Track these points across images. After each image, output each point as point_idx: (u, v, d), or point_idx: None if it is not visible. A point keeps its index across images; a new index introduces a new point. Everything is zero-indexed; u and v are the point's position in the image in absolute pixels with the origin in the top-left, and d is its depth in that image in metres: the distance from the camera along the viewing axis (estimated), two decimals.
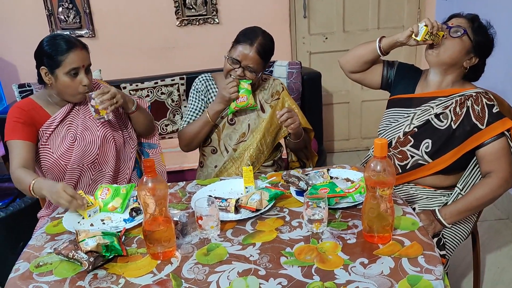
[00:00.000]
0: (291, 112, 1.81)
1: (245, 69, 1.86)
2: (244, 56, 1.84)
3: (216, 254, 1.29)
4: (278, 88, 2.04)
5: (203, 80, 2.04)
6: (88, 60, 1.77)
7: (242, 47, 1.84)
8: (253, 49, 1.83)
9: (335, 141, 4.05)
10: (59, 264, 1.29)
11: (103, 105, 1.72)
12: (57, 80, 1.72)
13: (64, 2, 3.37)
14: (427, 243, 1.27)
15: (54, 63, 1.70)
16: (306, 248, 1.29)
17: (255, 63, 1.85)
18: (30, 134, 1.75)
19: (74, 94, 1.76)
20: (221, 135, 2.00)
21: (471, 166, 1.76)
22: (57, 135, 1.81)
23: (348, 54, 1.95)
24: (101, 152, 1.85)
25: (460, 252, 2.41)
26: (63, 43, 1.70)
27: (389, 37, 1.82)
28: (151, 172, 1.23)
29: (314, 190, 1.49)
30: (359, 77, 1.97)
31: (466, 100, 1.71)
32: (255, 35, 1.86)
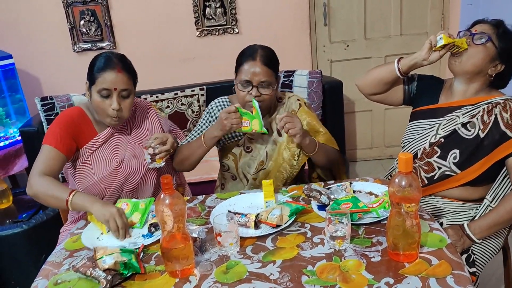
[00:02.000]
0: (291, 117, 1.70)
1: (259, 87, 1.74)
2: (253, 74, 1.73)
3: (235, 272, 1.26)
4: (294, 107, 1.91)
5: (219, 105, 1.92)
6: (124, 84, 1.67)
7: (247, 65, 1.74)
8: (258, 62, 1.73)
9: (358, 150, 3.98)
10: (77, 282, 1.28)
11: (161, 155, 1.71)
12: (92, 97, 1.69)
13: (85, 15, 3.41)
14: (456, 262, 1.21)
15: (91, 79, 1.67)
16: (329, 266, 1.25)
17: (266, 75, 1.74)
18: (69, 147, 1.67)
19: (103, 116, 1.70)
20: (239, 163, 1.92)
21: (501, 177, 1.68)
22: (101, 156, 1.75)
23: (366, 77, 1.88)
24: (142, 181, 1.82)
25: (490, 267, 2.31)
26: (104, 60, 1.65)
27: (408, 58, 1.74)
28: (169, 189, 1.21)
29: (337, 205, 1.45)
30: (380, 98, 1.91)
31: (494, 108, 1.64)
32: (253, 50, 1.77)
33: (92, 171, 1.74)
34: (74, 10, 3.40)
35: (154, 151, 1.71)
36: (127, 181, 1.78)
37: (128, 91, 1.69)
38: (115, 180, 1.76)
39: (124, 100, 1.69)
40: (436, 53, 1.66)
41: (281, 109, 1.90)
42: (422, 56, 1.68)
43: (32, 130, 2.82)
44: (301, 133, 1.70)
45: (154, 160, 1.72)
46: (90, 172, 1.74)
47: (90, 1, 3.38)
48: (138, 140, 1.82)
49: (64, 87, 3.30)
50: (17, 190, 2.76)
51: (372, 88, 1.87)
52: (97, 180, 1.73)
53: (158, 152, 1.70)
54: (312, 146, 1.78)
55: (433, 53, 1.67)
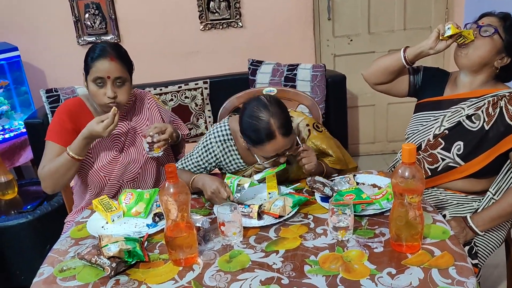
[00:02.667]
0: (308, 150, 1.62)
1: (284, 154, 1.61)
2: (276, 149, 1.56)
3: (238, 261, 1.27)
4: (304, 135, 1.76)
5: (221, 141, 1.75)
6: (118, 72, 1.67)
7: (269, 146, 1.55)
8: (278, 138, 1.54)
9: (360, 144, 3.98)
10: (82, 269, 1.29)
11: (159, 144, 1.72)
12: (88, 87, 1.71)
13: (90, 8, 3.41)
14: (459, 253, 1.22)
15: (86, 69, 1.69)
16: (331, 256, 1.26)
17: (289, 144, 1.58)
18: (70, 140, 1.69)
19: (100, 105, 1.72)
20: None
21: (505, 169, 1.69)
22: (101, 145, 1.77)
23: (372, 67, 1.88)
24: (142, 171, 1.84)
25: (492, 259, 2.31)
26: (96, 50, 1.67)
27: (414, 47, 1.74)
28: (173, 177, 1.22)
29: (340, 197, 1.46)
30: (385, 88, 1.90)
31: (499, 100, 1.64)
32: (267, 125, 1.53)
33: (92, 160, 1.76)
34: (79, 4, 3.40)
35: (152, 140, 1.72)
36: (127, 170, 1.80)
37: (122, 79, 1.69)
38: (115, 168, 1.78)
39: (120, 88, 1.70)
40: (442, 42, 1.66)
41: None
42: (429, 44, 1.68)
43: (37, 122, 2.84)
44: (316, 167, 1.64)
45: (152, 149, 1.74)
46: (90, 161, 1.76)
47: None
48: (138, 129, 1.84)
49: (68, 80, 3.30)
50: (23, 181, 2.78)
51: (378, 78, 1.87)
52: (97, 168, 1.76)
53: (156, 141, 1.71)
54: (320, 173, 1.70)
55: (440, 43, 1.67)
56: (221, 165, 1.81)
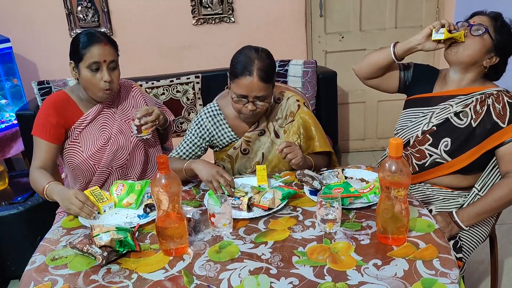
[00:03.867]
0: (291, 146, 1.66)
1: (255, 101, 1.69)
2: (249, 89, 1.65)
3: (228, 252, 1.29)
4: (293, 108, 1.86)
5: (211, 116, 1.85)
6: (111, 56, 1.72)
7: (243, 80, 1.64)
8: (255, 78, 1.63)
9: (351, 141, 4.02)
10: (74, 258, 1.31)
11: (147, 126, 1.75)
12: (80, 75, 1.73)
13: (83, 1, 3.40)
14: (443, 246, 1.25)
15: (78, 57, 1.71)
16: (319, 248, 1.28)
17: (263, 90, 1.66)
18: (58, 136, 1.76)
19: (95, 91, 1.74)
20: (235, 165, 1.91)
21: (490, 166, 1.73)
22: (88, 134, 1.81)
23: (363, 61, 1.92)
24: (130, 157, 1.87)
25: (477, 255, 2.37)
26: (87, 37, 1.70)
27: (404, 42, 1.77)
28: (164, 168, 1.24)
29: (328, 190, 1.49)
30: (375, 83, 1.94)
31: (487, 98, 1.68)
32: (250, 61, 1.64)
33: (81, 149, 1.80)
34: None
35: (140, 122, 1.75)
36: (115, 157, 1.83)
37: (115, 62, 1.75)
38: (103, 156, 1.81)
39: (113, 72, 1.75)
40: (433, 43, 1.69)
41: (279, 111, 1.86)
42: (418, 40, 1.72)
43: (29, 114, 2.83)
44: (303, 161, 1.68)
45: (140, 131, 1.77)
46: (79, 150, 1.80)
47: None
48: (124, 117, 1.88)
49: (60, 72, 3.29)
50: (13, 173, 2.77)
51: (368, 72, 1.90)
52: (86, 157, 1.79)
53: (144, 122, 1.75)
54: (309, 168, 1.74)
55: (429, 41, 1.70)
56: (213, 140, 1.88)
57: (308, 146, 1.87)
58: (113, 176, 1.85)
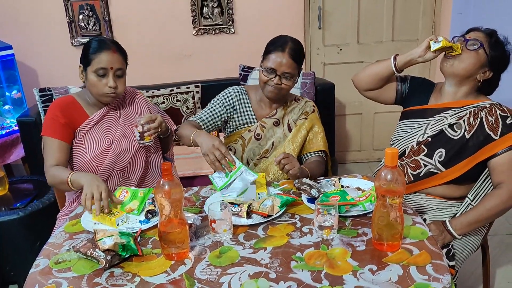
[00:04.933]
0: (288, 157, 1.73)
1: (282, 76, 1.86)
2: (279, 64, 1.84)
3: (228, 257, 1.33)
4: (308, 110, 2.05)
5: (237, 93, 2.04)
6: (119, 64, 1.79)
7: (275, 55, 1.85)
8: (286, 55, 1.84)
9: (347, 152, 4.07)
10: (77, 261, 1.34)
11: (150, 132, 1.79)
12: (87, 78, 1.80)
13: (84, 9, 3.45)
14: (436, 253, 1.29)
15: (87, 61, 1.78)
16: (316, 253, 1.32)
17: (291, 67, 1.86)
18: (67, 135, 1.81)
19: (99, 94, 1.81)
20: (246, 148, 2.02)
21: (483, 177, 1.77)
22: (93, 136, 1.86)
23: (362, 73, 1.97)
24: (132, 161, 1.91)
25: (469, 266, 2.41)
26: (98, 43, 1.78)
27: (404, 54, 1.84)
28: (168, 175, 1.28)
29: (326, 198, 1.53)
30: (374, 94, 1.99)
31: (480, 111, 1.73)
32: (285, 41, 1.88)
33: (85, 150, 1.85)
34: (74, 5, 3.44)
35: (143, 129, 1.80)
36: (118, 160, 1.88)
37: (122, 70, 1.82)
38: (106, 158, 1.86)
39: (119, 79, 1.82)
40: (431, 53, 1.76)
41: (296, 108, 2.04)
42: (418, 52, 1.78)
43: (30, 120, 2.86)
44: (300, 171, 1.74)
45: (143, 138, 1.82)
46: (83, 152, 1.85)
47: None
48: (128, 122, 1.94)
49: (61, 80, 3.34)
50: (13, 178, 2.79)
51: (368, 84, 1.96)
52: (89, 158, 1.84)
53: (146, 129, 1.80)
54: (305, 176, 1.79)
55: (428, 52, 1.76)
56: (234, 114, 2.03)
57: (311, 145, 2.04)
58: (113, 178, 1.89)
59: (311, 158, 2.02)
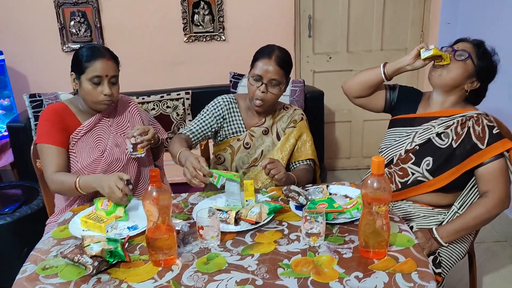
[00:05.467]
0: (274, 162, 1.74)
1: (268, 84, 1.87)
2: (265, 70, 1.86)
3: (215, 263, 1.33)
4: (297, 118, 2.06)
5: (227, 102, 2.04)
6: (113, 71, 1.81)
7: (261, 62, 1.87)
8: (272, 61, 1.86)
9: (337, 159, 4.10)
10: (65, 267, 1.33)
11: (142, 144, 1.80)
12: (81, 87, 1.79)
13: (76, 16, 3.46)
14: (422, 260, 1.31)
15: (80, 69, 1.77)
16: (303, 260, 1.33)
17: (277, 74, 1.87)
18: (64, 140, 1.80)
19: (95, 102, 1.81)
20: (235, 157, 2.03)
21: (469, 186, 1.80)
22: (85, 144, 1.85)
23: (352, 80, 1.99)
24: (124, 170, 1.91)
25: (456, 274, 2.43)
26: (91, 51, 1.78)
27: (394, 62, 1.86)
28: (156, 181, 1.28)
29: (313, 205, 1.54)
30: (363, 102, 2.02)
31: (467, 121, 1.76)
32: (271, 49, 1.90)
33: (76, 159, 1.84)
34: (65, 11, 3.45)
35: (136, 141, 1.80)
36: (109, 168, 1.87)
37: (116, 77, 1.84)
38: (98, 167, 1.85)
39: (113, 86, 1.83)
40: (420, 61, 1.79)
41: (285, 116, 2.05)
42: (407, 60, 1.81)
43: (19, 126, 2.86)
44: (285, 177, 1.76)
45: (136, 149, 1.82)
46: (74, 160, 1.84)
47: (81, 3, 3.43)
48: (120, 130, 1.93)
49: (51, 86, 3.33)
50: (1, 184, 2.78)
51: (357, 91, 1.98)
52: (81, 167, 1.83)
53: (139, 141, 1.80)
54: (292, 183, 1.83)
55: (418, 61, 1.79)
56: (224, 124, 2.04)
57: (300, 154, 2.04)
58: None
59: (299, 166, 2.03)
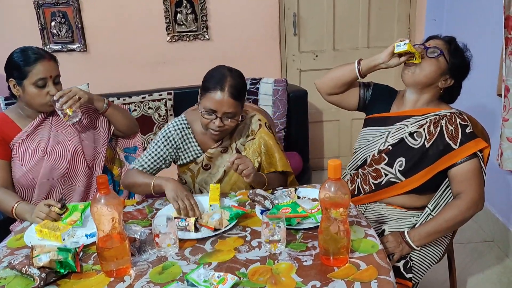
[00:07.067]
0: (242, 158, 1.67)
1: (223, 117, 1.71)
2: (219, 104, 1.68)
3: (170, 273, 1.28)
4: (254, 127, 1.88)
5: (179, 129, 1.86)
6: (56, 71, 1.80)
7: (214, 94, 1.68)
8: (225, 93, 1.67)
9: (325, 159, 4.04)
10: (13, 279, 1.29)
11: (67, 104, 1.76)
12: (25, 91, 1.77)
13: (56, 16, 3.41)
14: (384, 267, 1.26)
15: (22, 74, 1.74)
16: (261, 269, 1.28)
17: (232, 106, 1.69)
18: (3, 152, 1.80)
19: (42, 104, 1.79)
20: (196, 179, 1.92)
21: (443, 187, 1.75)
22: (27, 148, 1.83)
23: (326, 76, 1.93)
24: (71, 166, 1.87)
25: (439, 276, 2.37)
26: (30, 54, 1.75)
27: (368, 59, 1.81)
28: (104, 188, 1.23)
29: (276, 210, 1.49)
30: (336, 99, 1.96)
31: (440, 120, 1.71)
32: (223, 77, 1.70)
33: (20, 163, 1.82)
34: (45, 11, 3.39)
35: (61, 106, 1.77)
36: (54, 167, 1.85)
37: (59, 77, 1.83)
38: (42, 168, 1.83)
39: (57, 86, 1.81)
40: (395, 59, 1.73)
41: (242, 129, 1.88)
42: (382, 58, 1.75)
43: None
44: (254, 172, 1.69)
45: (66, 113, 1.78)
46: (18, 164, 1.83)
47: (61, 3, 3.38)
48: (60, 127, 1.90)
49: None
50: None
51: (331, 88, 1.91)
52: (26, 170, 1.82)
53: (62, 103, 1.76)
54: (262, 183, 1.77)
55: (392, 58, 1.73)
56: (179, 153, 1.88)
57: (269, 165, 1.88)
58: (57, 188, 1.87)
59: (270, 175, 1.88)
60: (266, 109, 3.01)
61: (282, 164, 1.87)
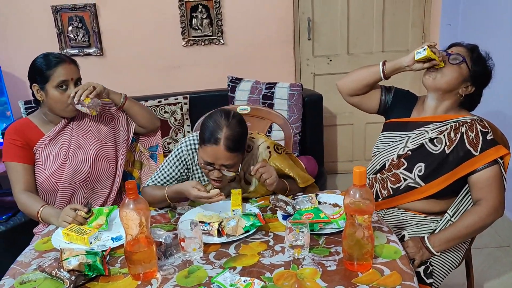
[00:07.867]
0: (265, 166, 1.66)
1: (222, 168, 1.65)
2: (215, 157, 1.61)
3: (196, 277, 1.31)
4: (264, 156, 1.80)
5: (191, 150, 1.80)
6: (76, 74, 1.85)
7: (210, 147, 1.60)
8: (221, 147, 1.58)
9: (339, 162, 4.05)
10: (43, 281, 1.32)
11: (84, 94, 1.79)
12: (48, 95, 1.81)
13: (74, 21, 3.45)
14: (407, 273, 1.27)
15: (44, 78, 1.79)
16: (286, 273, 1.30)
17: (229, 159, 1.62)
18: (28, 156, 1.83)
19: (64, 108, 1.83)
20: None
21: (463, 193, 1.75)
22: (49, 153, 1.86)
23: (348, 77, 1.94)
24: (92, 170, 1.90)
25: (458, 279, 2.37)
26: (51, 58, 1.80)
27: (393, 61, 1.81)
28: (133, 194, 1.26)
29: (299, 215, 1.51)
30: (357, 100, 1.97)
31: (461, 126, 1.71)
32: (218, 128, 1.60)
33: (43, 167, 1.86)
34: (63, 16, 3.44)
35: (79, 98, 1.79)
36: (76, 172, 1.88)
37: (80, 80, 1.88)
38: (64, 172, 1.86)
39: None
40: (419, 64, 1.74)
41: (251, 160, 1.80)
42: (406, 61, 1.76)
43: None
44: (277, 180, 1.68)
45: (83, 104, 1.80)
46: (41, 169, 1.86)
47: (78, 8, 3.42)
48: (81, 132, 1.93)
49: None
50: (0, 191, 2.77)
51: (353, 88, 1.92)
52: (48, 175, 1.85)
53: (79, 95, 1.79)
54: (284, 190, 1.78)
55: (416, 63, 1.74)
56: (189, 173, 1.85)
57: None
58: (80, 192, 1.90)
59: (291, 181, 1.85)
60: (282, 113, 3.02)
61: (302, 181, 1.85)
